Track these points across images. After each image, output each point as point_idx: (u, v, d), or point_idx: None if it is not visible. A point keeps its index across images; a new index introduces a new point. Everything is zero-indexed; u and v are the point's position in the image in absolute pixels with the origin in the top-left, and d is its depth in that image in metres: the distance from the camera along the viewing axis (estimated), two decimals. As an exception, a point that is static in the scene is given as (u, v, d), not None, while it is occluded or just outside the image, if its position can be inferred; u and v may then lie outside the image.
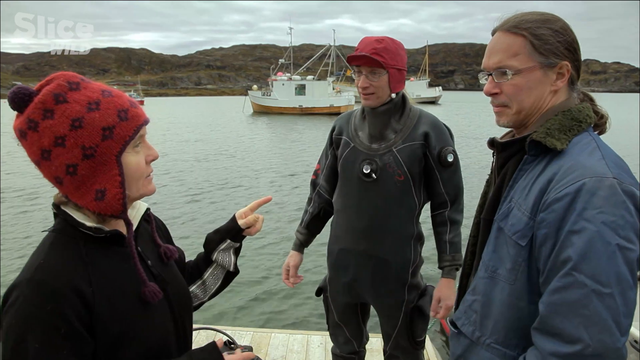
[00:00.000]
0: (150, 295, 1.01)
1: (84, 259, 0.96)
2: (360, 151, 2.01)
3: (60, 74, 0.96)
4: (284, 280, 2.26)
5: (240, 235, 1.36)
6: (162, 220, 1.31)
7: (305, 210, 2.29)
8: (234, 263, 1.36)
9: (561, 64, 1.10)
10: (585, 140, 1.07)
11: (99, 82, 1.02)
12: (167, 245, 1.18)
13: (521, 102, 1.12)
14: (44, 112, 0.91)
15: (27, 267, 0.93)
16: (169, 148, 20.37)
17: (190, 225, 9.23)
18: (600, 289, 0.90)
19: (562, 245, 0.95)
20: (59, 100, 0.92)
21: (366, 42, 1.90)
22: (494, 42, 1.15)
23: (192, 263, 1.38)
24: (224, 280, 1.38)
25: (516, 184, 1.12)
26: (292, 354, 3.35)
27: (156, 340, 1.04)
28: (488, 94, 1.17)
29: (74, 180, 0.94)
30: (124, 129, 0.96)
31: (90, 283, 0.94)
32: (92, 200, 0.95)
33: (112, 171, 0.95)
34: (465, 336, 1.21)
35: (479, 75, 1.21)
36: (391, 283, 2.04)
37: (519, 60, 1.10)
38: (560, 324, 0.93)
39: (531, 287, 1.04)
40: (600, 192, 0.94)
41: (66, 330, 0.89)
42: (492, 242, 1.15)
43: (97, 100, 0.95)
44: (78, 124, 0.92)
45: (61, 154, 0.92)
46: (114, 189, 0.96)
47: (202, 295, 1.37)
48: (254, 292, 6.27)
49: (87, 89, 0.96)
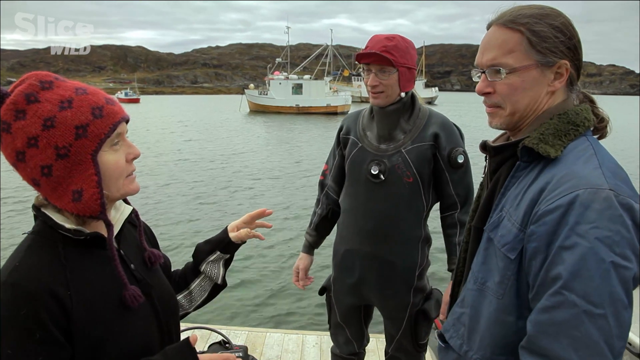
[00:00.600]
0: (130, 299, 0.98)
1: (62, 262, 0.93)
2: (369, 152, 1.98)
3: (32, 73, 0.94)
4: (294, 282, 2.26)
5: (230, 247, 1.34)
6: (148, 226, 1.28)
7: (314, 211, 2.27)
8: (222, 276, 1.33)
9: (560, 64, 1.02)
10: (582, 146, 1.00)
11: (76, 81, 1.00)
12: (152, 250, 1.15)
13: (515, 103, 1.05)
14: (16, 113, 0.89)
15: (3, 269, 0.90)
16: (167, 148, 20.27)
17: (191, 226, 9.20)
18: (592, 309, 0.83)
19: (552, 261, 0.89)
20: (30, 100, 0.90)
21: (376, 39, 1.87)
22: (488, 37, 1.08)
23: (179, 272, 1.35)
24: (210, 292, 1.35)
25: (508, 191, 1.06)
26: (287, 353, 3.34)
27: (138, 345, 1.00)
28: (480, 93, 1.10)
29: (49, 181, 0.92)
30: (99, 126, 0.93)
31: (68, 286, 0.91)
32: (69, 201, 0.93)
33: (87, 171, 0.93)
34: (454, 350, 1.15)
35: (472, 72, 1.13)
36: (397, 285, 2.02)
37: (514, 57, 1.02)
38: (549, 345, 0.87)
39: (520, 302, 0.99)
40: (594, 204, 0.87)
41: (41, 335, 0.86)
42: (481, 253, 1.10)
43: (70, 99, 0.92)
44: (50, 123, 0.89)
45: (35, 155, 0.90)
46: (90, 189, 0.93)
47: (187, 306, 1.34)
48: (250, 291, 6.26)
49: (60, 87, 0.94)
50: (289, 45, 64.19)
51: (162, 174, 14.41)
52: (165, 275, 1.26)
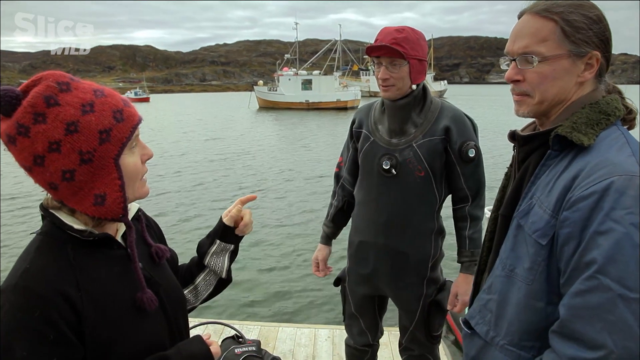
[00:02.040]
0: (147, 302, 0.99)
1: (71, 263, 0.93)
2: (380, 146, 1.98)
3: (48, 73, 0.91)
4: (314, 272, 2.31)
5: (231, 236, 1.32)
6: (154, 220, 1.28)
7: (330, 203, 2.30)
8: (226, 269, 1.32)
9: (591, 54, 1.02)
10: (614, 135, 1.01)
11: (89, 81, 0.98)
12: (158, 245, 1.15)
13: (545, 92, 1.05)
14: (35, 116, 0.86)
15: (13, 272, 0.90)
16: (185, 147, 20.06)
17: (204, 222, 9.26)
18: (627, 293, 0.84)
19: (586, 246, 0.90)
20: (50, 103, 0.87)
21: (386, 32, 1.86)
22: (521, 25, 1.07)
23: (185, 266, 1.35)
24: (216, 286, 1.34)
25: (538, 179, 1.06)
26: (299, 347, 3.36)
27: (149, 344, 1.01)
28: (510, 80, 1.09)
29: (70, 185, 0.90)
30: (121, 130, 0.93)
31: (79, 287, 0.91)
32: (90, 205, 0.92)
33: (111, 175, 0.93)
34: (479, 336, 1.16)
35: (500, 60, 1.13)
36: (410, 276, 2.03)
37: (547, 46, 1.02)
38: (582, 329, 0.88)
39: (550, 288, 0.99)
40: (629, 191, 0.88)
41: (55, 337, 0.86)
42: (510, 240, 1.10)
43: (91, 102, 0.91)
44: (74, 128, 0.88)
45: (56, 159, 0.88)
46: (114, 193, 0.93)
47: (193, 300, 1.34)
48: (262, 286, 6.29)
49: (78, 89, 0.91)
50: (297, 41, 64.07)
51: (191, 173, 14.24)
52: (174, 266, 1.27)
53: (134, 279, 1.00)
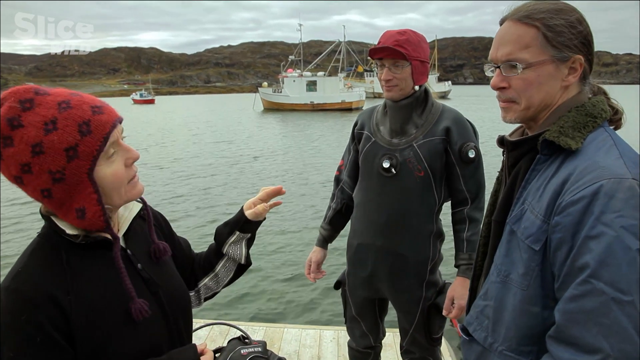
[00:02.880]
0: (136, 313, 0.97)
1: (64, 266, 0.92)
2: (381, 146, 1.99)
3: (10, 91, 0.89)
4: (306, 275, 2.28)
5: (249, 226, 1.30)
6: (162, 214, 1.27)
7: (329, 206, 2.30)
8: (245, 256, 1.32)
9: (574, 58, 1.03)
10: (601, 137, 1.01)
11: (61, 89, 0.94)
12: (158, 243, 1.12)
13: (530, 97, 1.05)
14: (3, 140, 0.86)
15: (8, 274, 0.91)
16: (197, 150, 19.68)
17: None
18: (620, 296, 0.84)
19: (579, 250, 0.89)
20: (13, 125, 0.86)
21: (388, 34, 1.89)
22: (503, 32, 1.07)
23: (203, 255, 1.34)
24: (236, 271, 1.35)
25: (529, 184, 1.06)
26: (304, 348, 3.36)
27: (143, 347, 1.00)
28: (495, 87, 1.10)
29: (52, 202, 0.91)
30: (89, 144, 0.89)
31: (68, 290, 0.91)
32: (74, 218, 0.92)
33: (86, 190, 0.91)
34: (478, 343, 1.16)
35: (484, 67, 1.13)
36: (409, 279, 2.03)
37: (530, 52, 1.02)
38: (578, 333, 0.88)
39: (545, 292, 0.99)
40: (619, 194, 0.88)
41: (42, 339, 0.86)
42: (504, 246, 1.10)
43: (54, 119, 0.87)
44: (39, 149, 0.86)
45: (31, 180, 0.88)
46: (92, 207, 0.92)
47: (214, 287, 1.34)
48: (267, 288, 6.30)
49: (41, 105, 0.88)
50: (301, 43, 64.19)
51: (203, 176, 13.95)
52: (184, 260, 1.27)
53: (124, 287, 0.99)
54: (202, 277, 1.32)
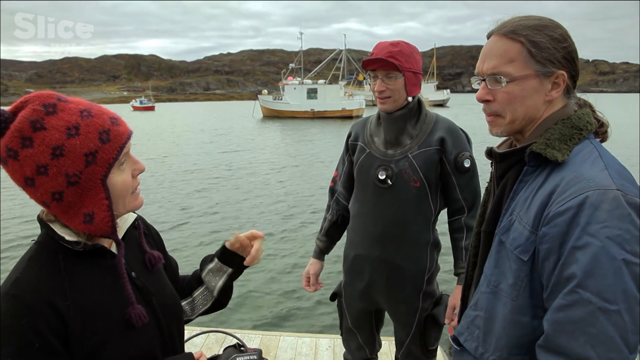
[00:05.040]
0: (135, 318, 1.00)
1: (62, 273, 0.95)
2: (376, 157, 2.00)
3: (34, 95, 0.93)
4: (304, 287, 2.28)
5: (231, 260, 1.31)
6: (155, 228, 1.29)
7: (324, 217, 2.30)
8: (219, 288, 1.32)
9: (557, 74, 1.06)
10: (587, 149, 1.04)
11: (79, 98, 0.98)
12: (152, 252, 1.15)
13: (514, 111, 1.08)
14: (22, 141, 0.88)
15: (7, 280, 0.94)
16: (205, 161, 18.75)
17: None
18: (606, 306, 0.87)
19: (565, 261, 0.92)
20: (36, 127, 0.89)
21: (381, 46, 1.92)
22: (489, 46, 1.10)
23: (187, 278, 1.36)
24: (212, 305, 1.35)
25: (517, 196, 1.08)
26: (300, 356, 3.36)
27: (138, 354, 1.02)
28: (481, 100, 1.13)
29: (60, 205, 0.93)
30: (107, 152, 0.93)
31: (66, 297, 0.93)
32: (80, 222, 0.95)
33: (98, 195, 0.94)
34: (469, 353, 1.17)
35: (471, 79, 1.16)
36: (406, 290, 2.03)
37: (514, 67, 1.05)
38: (566, 343, 0.90)
39: (534, 302, 1.01)
40: (604, 205, 0.90)
41: (40, 345, 0.89)
42: (493, 256, 1.12)
43: (77, 125, 0.91)
44: (59, 152, 0.89)
45: (45, 182, 0.90)
46: (102, 213, 0.95)
47: (190, 313, 1.35)
48: (263, 295, 6.29)
49: (64, 111, 0.92)
50: (302, 51, 64.38)
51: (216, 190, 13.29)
52: (171, 278, 1.28)
53: (125, 292, 1.02)
54: (181, 298, 1.32)
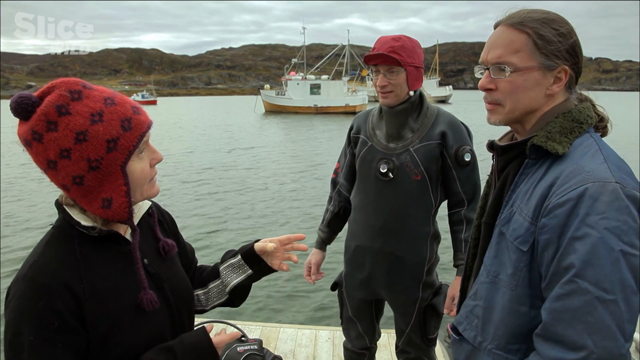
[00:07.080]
0: (147, 302, 1.03)
1: (77, 257, 0.98)
2: (378, 150, 2.03)
3: (61, 81, 0.96)
4: (305, 276, 2.32)
5: (254, 260, 1.32)
6: (169, 214, 1.31)
7: (326, 209, 2.34)
8: (233, 284, 1.32)
9: (560, 68, 1.07)
10: (587, 142, 1.06)
11: (103, 87, 1.02)
12: (165, 240, 1.18)
13: (516, 101, 1.10)
14: (48, 124, 0.92)
15: (25, 263, 0.98)
16: (214, 160, 17.91)
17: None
18: (604, 295, 0.89)
19: (564, 251, 0.94)
20: (61, 112, 0.92)
21: (383, 41, 1.93)
22: (495, 36, 1.12)
23: (208, 269, 1.38)
24: (225, 301, 1.36)
25: (517, 188, 1.10)
26: (300, 348, 3.40)
27: (150, 338, 1.05)
28: (483, 88, 1.14)
29: (80, 189, 0.96)
30: (128, 139, 0.97)
31: (81, 280, 0.97)
32: (99, 207, 0.98)
33: (117, 181, 0.97)
34: (467, 342, 1.20)
35: (474, 69, 1.18)
36: (406, 280, 2.07)
37: (519, 57, 1.07)
38: (564, 331, 0.92)
39: (532, 292, 1.03)
40: (602, 197, 0.93)
41: (59, 324, 0.92)
42: (493, 247, 1.14)
43: (100, 112, 0.95)
44: (82, 137, 0.92)
45: (67, 165, 0.93)
46: (120, 198, 0.98)
47: (204, 303, 1.37)
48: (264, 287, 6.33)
49: (89, 98, 0.95)
50: (304, 46, 64.14)
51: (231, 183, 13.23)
52: (186, 263, 1.31)
53: (137, 277, 1.05)
54: (196, 287, 1.35)
